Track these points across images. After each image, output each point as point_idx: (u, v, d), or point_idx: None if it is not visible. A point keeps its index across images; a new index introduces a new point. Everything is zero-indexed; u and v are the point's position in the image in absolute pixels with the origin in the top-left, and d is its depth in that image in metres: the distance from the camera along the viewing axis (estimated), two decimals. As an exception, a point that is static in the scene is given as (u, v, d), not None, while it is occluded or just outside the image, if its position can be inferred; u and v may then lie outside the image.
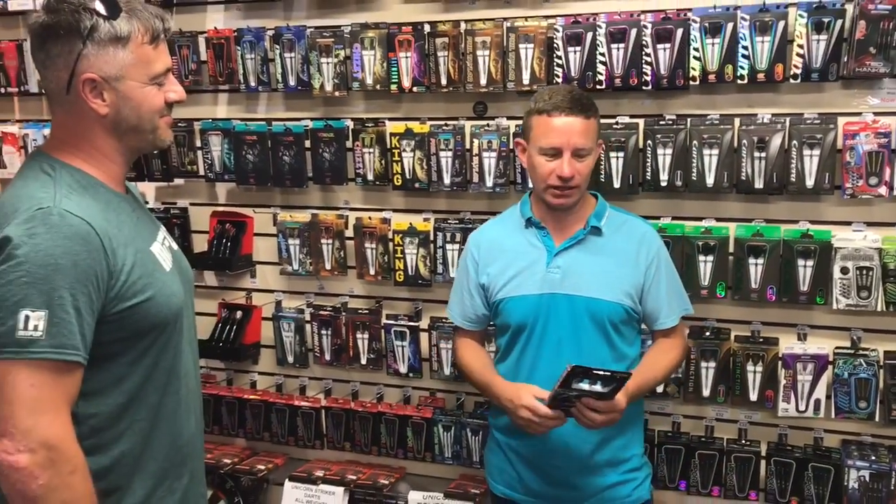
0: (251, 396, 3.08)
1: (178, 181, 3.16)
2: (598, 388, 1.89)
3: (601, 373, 1.86)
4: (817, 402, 2.44)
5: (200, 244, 3.14)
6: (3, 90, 3.29)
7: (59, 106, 1.58)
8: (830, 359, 2.43)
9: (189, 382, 1.73)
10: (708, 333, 2.54)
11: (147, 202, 3.21)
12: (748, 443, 2.54)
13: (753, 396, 2.50)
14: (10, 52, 3.24)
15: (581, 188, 2.11)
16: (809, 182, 2.37)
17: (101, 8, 1.51)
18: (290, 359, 3.06)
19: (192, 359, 1.76)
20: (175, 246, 1.79)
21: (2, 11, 3.25)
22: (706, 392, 2.55)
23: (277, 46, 2.86)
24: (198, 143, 3.06)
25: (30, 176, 1.54)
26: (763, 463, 2.52)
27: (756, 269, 2.44)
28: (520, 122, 2.61)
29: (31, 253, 1.41)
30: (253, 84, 2.93)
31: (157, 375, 1.63)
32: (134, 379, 1.59)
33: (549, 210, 2.16)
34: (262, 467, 3.01)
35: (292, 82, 2.87)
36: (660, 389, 2.58)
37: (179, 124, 3.06)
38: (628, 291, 2.14)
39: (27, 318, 1.40)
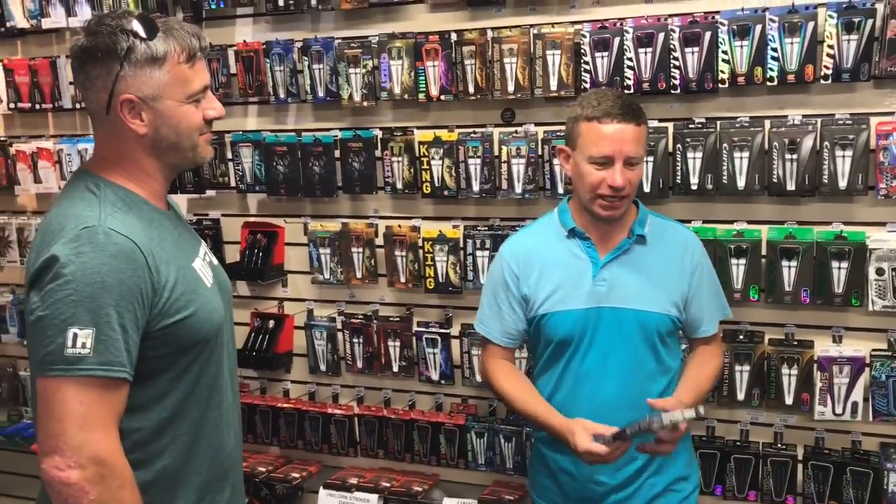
0: (285, 405, 3.10)
1: (210, 193, 3.20)
2: (654, 427, 1.86)
3: (653, 426, 1.84)
4: (854, 404, 2.42)
5: (232, 255, 3.18)
6: (38, 106, 3.35)
7: (100, 126, 1.62)
8: (867, 361, 2.41)
9: (229, 396, 1.75)
10: (742, 337, 2.53)
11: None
12: (784, 447, 2.52)
13: (789, 400, 2.48)
14: (45, 68, 3.30)
15: (631, 198, 2.04)
16: (842, 183, 2.35)
17: (138, 29, 1.54)
18: (323, 367, 3.08)
19: (232, 372, 1.79)
20: (215, 261, 1.82)
21: (36, 30, 3.32)
22: (741, 396, 2.53)
23: (306, 58, 2.89)
24: (229, 155, 3.10)
25: (76, 195, 1.57)
26: (800, 467, 2.49)
27: (789, 271, 2.42)
28: (548, 128, 2.64)
29: (77, 272, 1.44)
30: (282, 96, 2.96)
31: (199, 391, 1.65)
32: (176, 394, 1.61)
33: (594, 220, 2.08)
34: (297, 475, 3.03)
35: (321, 93, 2.90)
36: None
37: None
38: (675, 301, 2.08)
39: (75, 335, 1.43)
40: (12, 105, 3.39)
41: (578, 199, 2.10)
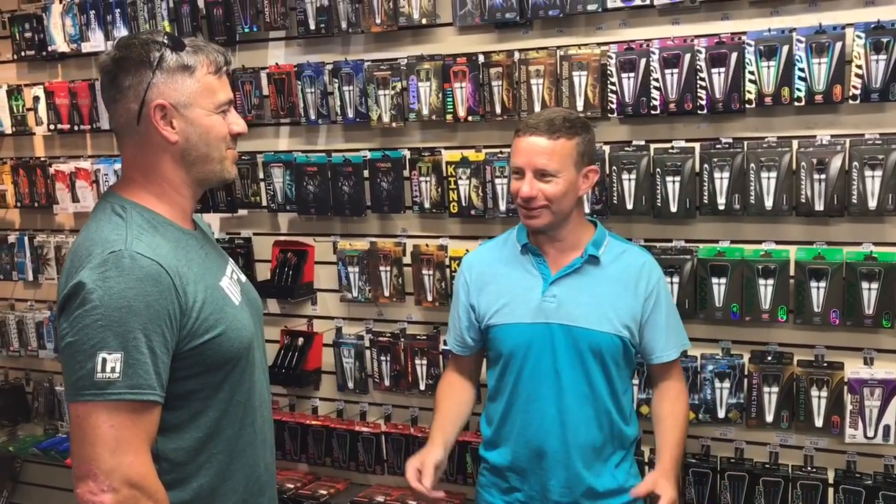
0: (313, 422, 3.13)
1: (242, 212, 3.26)
2: None
3: None
4: (886, 427, 2.38)
5: (263, 273, 3.23)
6: (76, 127, 3.45)
7: (129, 140, 1.63)
8: (899, 383, 2.38)
9: (263, 413, 1.77)
10: (770, 358, 2.51)
11: (213, 233, 3.31)
12: (815, 470, 2.49)
13: (819, 422, 2.45)
14: (84, 91, 3.40)
15: (552, 210, 2.03)
16: (872, 203, 2.33)
17: (168, 42, 1.59)
18: (351, 384, 3.11)
19: (265, 388, 1.80)
20: (243, 278, 1.83)
21: (76, 53, 3.42)
22: (769, 417, 2.50)
23: (336, 80, 2.94)
24: (260, 175, 3.15)
25: (102, 218, 1.59)
26: (831, 491, 2.46)
27: (818, 292, 2.40)
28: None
29: (105, 297, 1.45)
30: (313, 117, 3.01)
31: (232, 409, 1.66)
32: (210, 414, 1.62)
33: (534, 235, 2.12)
34: (325, 492, 3.05)
35: (351, 114, 2.95)
36: (721, 415, 2.55)
37: (243, 157, 3.16)
38: (626, 323, 2.07)
39: (104, 360, 1.44)
40: (52, 126, 3.49)
41: None
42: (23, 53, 3.51)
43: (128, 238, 1.52)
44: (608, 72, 2.55)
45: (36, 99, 3.51)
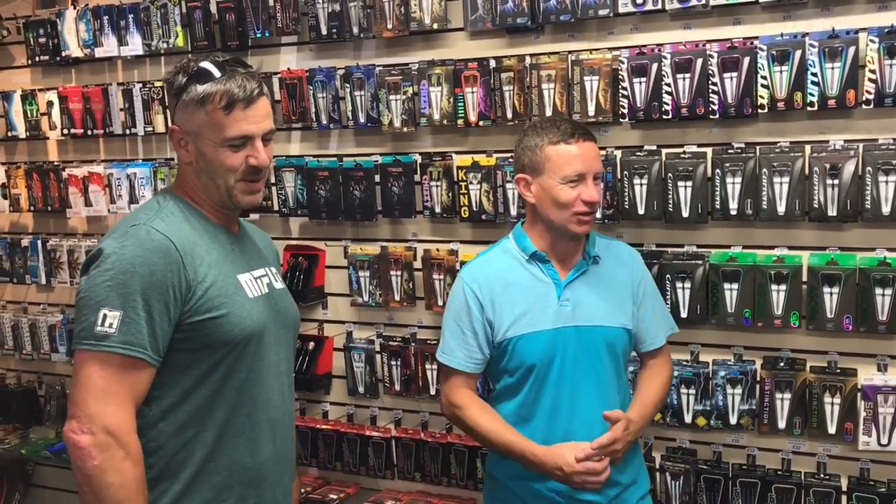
0: (323, 426, 3.13)
1: (254, 216, 3.26)
2: None
3: None
4: (900, 435, 2.37)
5: (274, 277, 3.23)
6: (90, 132, 3.47)
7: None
8: (913, 390, 2.36)
9: (271, 411, 1.83)
10: (782, 364, 2.49)
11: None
12: (828, 477, 2.47)
13: (832, 429, 2.44)
14: (97, 96, 3.42)
15: (595, 213, 2.14)
16: (886, 209, 2.31)
17: (206, 67, 1.73)
18: (361, 389, 3.11)
19: (279, 391, 1.86)
20: (279, 285, 1.93)
21: (89, 58, 3.45)
22: (782, 424, 2.49)
23: (348, 85, 2.95)
24: (272, 180, 3.16)
25: (145, 205, 1.81)
26: (844, 498, 2.44)
27: (831, 297, 2.39)
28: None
29: (117, 261, 1.64)
30: (325, 122, 3.02)
31: (225, 392, 1.75)
32: (202, 391, 1.73)
33: (561, 241, 2.12)
34: (335, 496, 3.05)
35: (362, 119, 2.95)
36: (733, 421, 2.54)
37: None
38: (629, 315, 2.16)
39: (105, 316, 1.61)
40: (66, 131, 3.51)
41: (541, 223, 2.13)
42: (37, 58, 3.53)
43: (153, 218, 1.72)
44: (620, 76, 2.55)
45: (50, 104, 3.54)
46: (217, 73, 1.72)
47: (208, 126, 1.73)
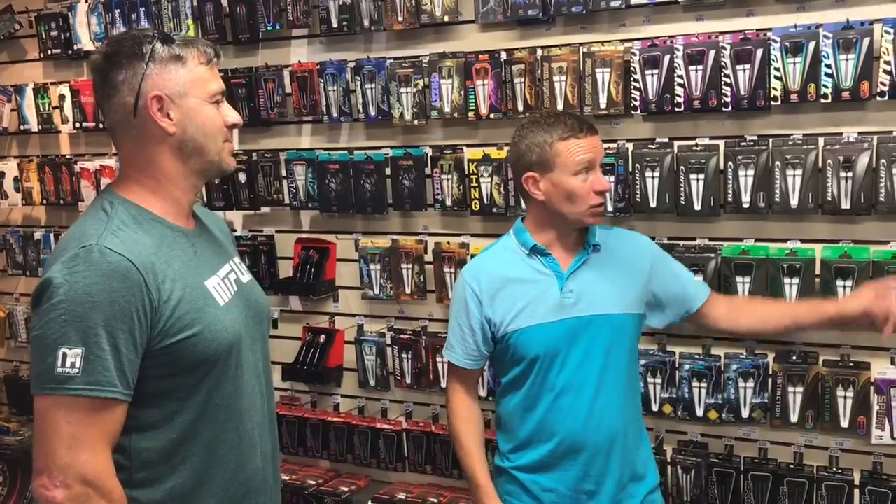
0: (334, 419, 3.14)
1: (265, 210, 3.28)
2: None
3: None
4: (914, 429, 2.36)
5: (285, 270, 3.24)
6: (101, 125, 3.47)
7: (125, 135, 1.63)
8: (927, 384, 2.34)
9: (255, 416, 1.72)
10: (795, 357, 2.48)
11: (234, 230, 3.33)
12: (840, 471, 2.46)
13: (844, 423, 2.43)
14: (87, 88, 3.43)
15: None
16: (900, 201, 2.30)
17: (157, 34, 1.61)
18: (372, 382, 3.12)
19: (259, 392, 1.75)
20: (245, 278, 1.80)
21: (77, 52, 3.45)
22: (794, 418, 2.48)
23: (358, 78, 2.95)
24: (283, 173, 3.17)
25: (90, 213, 1.60)
26: (857, 492, 2.43)
27: (844, 290, 2.37)
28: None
29: (70, 292, 1.45)
30: (335, 115, 3.02)
31: (211, 411, 1.62)
32: (186, 415, 1.59)
33: (565, 236, 2.12)
34: (346, 489, 3.06)
35: (373, 112, 2.95)
36: (745, 415, 2.53)
37: (266, 155, 3.18)
38: (639, 299, 2.15)
39: (64, 355, 1.44)
40: (78, 124, 3.53)
41: (549, 220, 2.11)
42: (49, 52, 3.55)
43: (104, 233, 1.52)
44: (632, 69, 2.54)
45: (62, 97, 3.55)
46: (173, 39, 1.62)
47: (194, 82, 1.61)
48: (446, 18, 2.80)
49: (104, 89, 1.61)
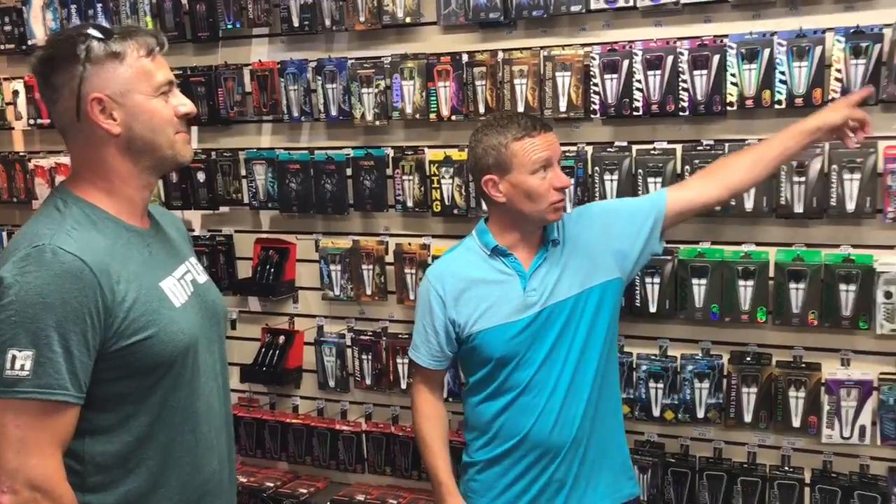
0: (293, 420, 3.12)
1: (224, 209, 3.24)
2: None
3: None
4: (862, 428, 2.41)
5: (245, 270, 3.21)
6: (33, 121, 3.41)
7: (73, 138, 1.59)
8: (875, 385, 2.40)
9: (212, 419, 1.70)
10: (749, 358, 2.53)
11: (193, 230, 3.30)
12: (792, 470, 2.51)
13: (796, 423, 2.48)
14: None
15: None
16: (850, 206, 2.35)
17: (94, 32, 1.55)
18: (332, 383, 3.10)
19: (216, 394, 1.72)
20: (202, 278, 1.77)
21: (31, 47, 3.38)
22: (748, 418, 2.52)
23: (320, 78, 2.93)
24: (242, 172, 3.14)
25: (43, 212, 1.56)
26: (807, 490, 2.48)
27: (797, 293, 2.43)
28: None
29: (21, 292, 1.42)
30: (296, 114, 3.01)
31: (167, 414, 1.60)
32: (141, 418, 1.57)
33: (527, 236, 2.13)
34: (304, 491, 3.04)
35: (334, 112, 2.94)
36: (700, 415, 2.57)
37: (225, 154, 3.14)
38: (609, 265, 2.14)
39: (14, 357, 1.41)
40: (32, 121, 3.46)
41: (511, 221, 2.12)
42: (2, 47, 3.47)
43: (56, 233, 1.48)
44: (591, 73, 2.56)
45: (15, 93, 3.48)
46: (112, 32, 1.56)
47: (136, 78, 1.55)
48: (408, 20, 2.80)
49: (47, 93, 1.58)
